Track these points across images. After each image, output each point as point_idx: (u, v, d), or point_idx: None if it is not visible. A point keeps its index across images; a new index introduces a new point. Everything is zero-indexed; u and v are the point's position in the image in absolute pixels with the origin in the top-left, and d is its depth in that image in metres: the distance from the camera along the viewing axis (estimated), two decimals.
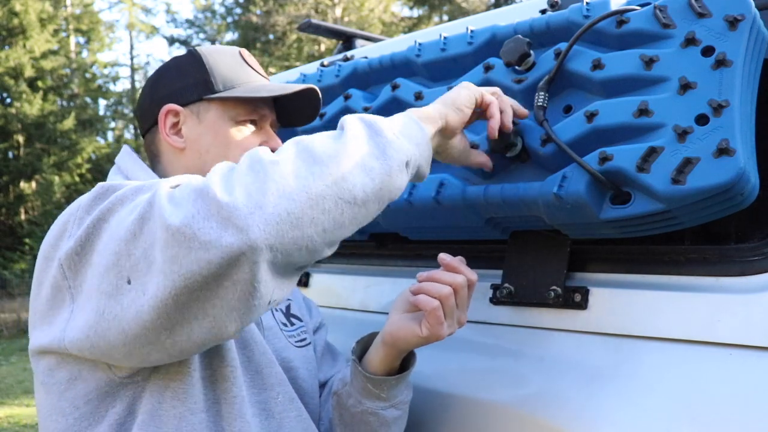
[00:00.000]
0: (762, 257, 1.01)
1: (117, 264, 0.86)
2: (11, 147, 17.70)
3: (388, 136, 0.92)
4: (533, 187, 1.10)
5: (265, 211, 0.79)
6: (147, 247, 0.83)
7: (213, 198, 0.79)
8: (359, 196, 0.87)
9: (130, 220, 0.86)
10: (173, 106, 1.17)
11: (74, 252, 0.92)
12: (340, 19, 18.65)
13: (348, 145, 0.88)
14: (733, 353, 0.97)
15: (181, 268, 0.79)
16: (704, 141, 0.95)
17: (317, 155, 0.86)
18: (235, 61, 1.21)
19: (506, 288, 1.23)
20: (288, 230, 0.81)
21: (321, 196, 0.83)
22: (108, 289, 0.87)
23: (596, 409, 1.04)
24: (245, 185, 0.80)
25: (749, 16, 1.00)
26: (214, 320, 0.84)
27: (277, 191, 0.81)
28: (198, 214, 0.79)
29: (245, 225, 0.78)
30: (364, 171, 0.88)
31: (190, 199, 0.81)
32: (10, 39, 17.22)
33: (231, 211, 0.78)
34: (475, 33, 1.32)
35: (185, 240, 0.78)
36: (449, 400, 1.25)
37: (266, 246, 0.79)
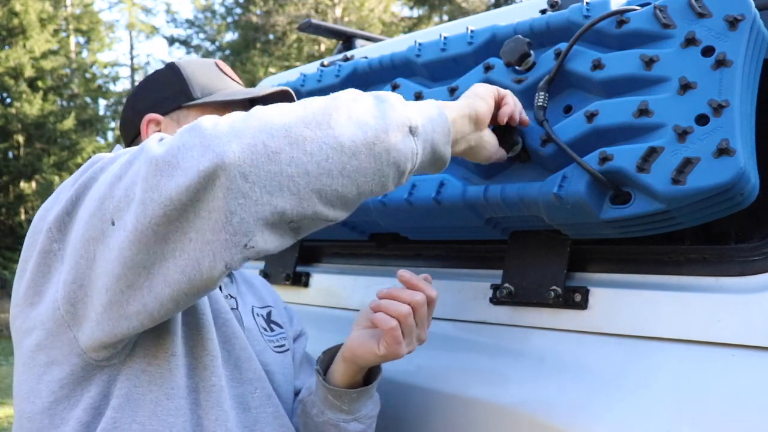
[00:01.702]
0: (762, 257, 1.02)
1: (100, 208, 0.87)
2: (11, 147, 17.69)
3: (393, 103, 0.91)
4: (533, 187, 1.10)
5: (242, 140, 0.80)
6: (129, 185, 0.84)
7: (199, 130, 0.81)
8: (346, 144, 0.84)
9: (116, 168, 0.88)
10: (154, 116, 1.23)
11: (64, 212, 0.93)
12: (340, 19, 18.65)
13: (343, 101, 0.87)
14: (734, 353, 0.97)
15: (160, 195, 0.80)
16: (704, 141, 0.95)
17: (307, 104, 0.87)
18: (211, 70, 1.28)
19: (506, 288, 1.23)
20: (264, 162, 0.80)
21: (302, 137, 0.82)
22: (94, 234, 0.88)
23: (596, 409, 1.04)
24: (232, 120, 0.83)
25: (749, 16, 1.00)
26: (189, 257, 0.83)
27: (258, 125, 0.82)
28: (183, 145, 0.81)
29: (221, 150, 0.79)
30: (355, 123, 0.86)
31: (179, 134, 0.83)
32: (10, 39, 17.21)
33: (212, 139, 0.80)
34: (475, 33, 1.32)
35: (168, 167, 0.80)
36: (449, 400, 1.25)
37: (239, 172, 0.79)
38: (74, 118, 17.62)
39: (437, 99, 1.31)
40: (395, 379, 1.36)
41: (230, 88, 1.26)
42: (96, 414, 0.97)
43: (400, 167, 0.90)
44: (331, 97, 0.89)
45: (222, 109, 1.21)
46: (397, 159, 0.89)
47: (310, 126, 0.83)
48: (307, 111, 0.85)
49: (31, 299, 0.98)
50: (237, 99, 1.22)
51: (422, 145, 0.92)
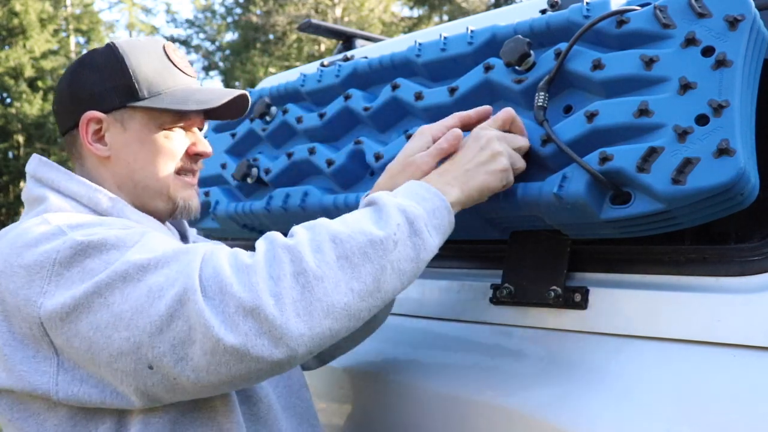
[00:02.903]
0: (762, 257, 1.01)
1: (137, 351, 0.89)
2: (11, 147, 17.71)
3: (424, 236, 0.96)
4: (533, 187, 1.10)
5: (312, 332, 0.87)
6: (176, 344, 0.87)
7: (266, 318, 0.85)
8: (387, 299, 0.94)
9: (152, 312, 0.88)
10: (95, 114, 1.13)
11: (57, 317, 0.92)
12: (340, 19, 18.65)
13: (386, 253, 0.92)
14: (734, 353, 0.97)
15: (229, 372, 0.87)
16: (704, 141, 0.95)
17: (356, 265, 0.91)
18: (159, 60, 1.16)
19: (506, 288, 1.23)
20: (328, 341, 0.90)
21: (359, 310, 0.91)
22: (126, 369, 0.91)
23: (596, 409, 1.04)
24: (294, 302, 0.87)
25: (749, 16, 1.00)
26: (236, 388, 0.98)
27: (323, 312, 0.88)
28: (250, 332, 0.85)
29: (295, 345, 0.87)
30: (397, 276, 0.94)
31: (240, 315, 0.86)
32: (10, 39, 17.22)
33: (283, 332, 0.86)
34: (475, 33, 1.32)
35: (238, 354, 0.85)
36: (449, 401, 1.25)
37: (308, 354, 0.90)
38: None
39: (437, 99, 1.32)
40: (395, 379, 1.36)
41: (180, 85, 1.16)
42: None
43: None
44: (377, 247, 0.92)
45: (172, 116, 1.15)
46: None
47: (365, 299, 0.91)
48: (360, 282, 0.91)
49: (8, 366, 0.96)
50: (189, 110, 1.14)
51: None
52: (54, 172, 1.13)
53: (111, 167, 1.15)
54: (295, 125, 1.61)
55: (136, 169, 1.15)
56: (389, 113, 1.43)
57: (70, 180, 1.12)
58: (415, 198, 0.98)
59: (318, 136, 1.57)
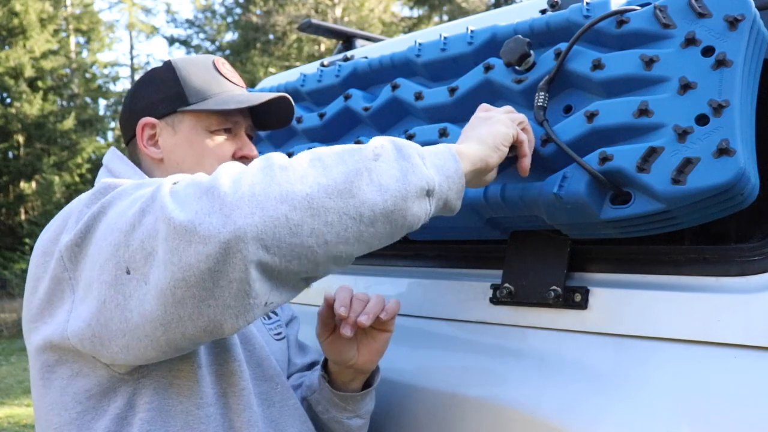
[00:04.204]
0: (762, 257, 1.01)
1: (115, 254, 0.88)
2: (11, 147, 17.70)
3: (414, 160, 0.91)
4: (533, 187, 1.10)
5: (264, 213, 0.81)
6: (144, 238, 0.85)
7: (218, 195, 0.81)
8: (366, 214, 0.86)
9: (130, 213, 0.89)
10: (149, 119, 1.22)
11: (74, 244, 0.95)
12: (340, 19, 18.65)
13: (363, 159, 0.88)
14: (734, 353, 0.97)
15: (180, 260, 0.81)
16: (704, 141, 0.95)
17: (328, 165, 0.86)
18: (207, 71, 1.25)
19: (506, 288, 1.23)
20: (285, 235, 0.82)
21: (323, 208, 0.83)
22: (108, 279, 0.89)
23: (596, 409, 1.04)
24: (251, 184, 0.82)
25: (749, 16, 1.00)
26: (209, 320, 0.85)
27: (280, 195, 0.82)
28: (201, 210, 0.81)
29: (244, 223, 0.80)
30: (376, 189, 0.87)
31: (196, 196, 0.83)
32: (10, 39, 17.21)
33: (232, 208, 0.80)
34: (475, 33, 1.32)
35: (186, 233, 0.80)
36: (449, 400, 1.25)
37: (262, 245, 0.81)
38: (74, 118, 17.64)
39: (437, 99, 1.32)
40: (395, 379, 1.36)
41: (226, 92, 1.24)
42: (123, 423, 1.00)
43: (411, 228, 0.93)
44: (355, 153, 0.88)
45: (216, 115, 1.22)
46: (411, 222, 0.91)
47: (332, 196, 0.84)
48: (329, 178, 0.85)
49: (45, 319, 1.01)
50: (231, 108, 1.21)
51: (435, 204, 0.94)
52: (125, 166, 1.21)
53: (164, 169, 1.22)
54: (295, 125, 1.61)
55: (184, 169, 1.19)
56: (389, 113, 1.43)
57: (134, 174, 1.19)
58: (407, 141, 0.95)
59: (318, 136, 1.58)
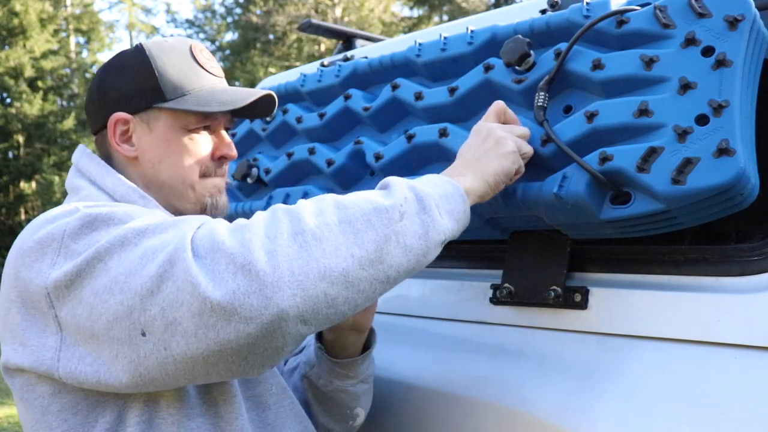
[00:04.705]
0: (762, 257, 1.01)
1: (129, 316, 0.87)
2: (11, 147, 17.70)
3: (434, 215, 0.93)
4: (533, 187, 1.10)
5: (305, 293, 0.83)
6: (166, 307, 0.84)
7: (256, 274, 0.81)
8: (392, 276, 0.90)
9: (144, 274, 0.86)
10: (122, 115, 1.14)
11: (63, 285, 0.92)
12: (340, 19, 18.65)
13: (391, 222, 0.89)
14: (734, 353, 0.97)
15: (217, 336, 0.82)
16: (704, 141, 0.95)
17: (359, 231, 0.88)
18: (185, 61, 1.16)
19: (506, 288, 1.23)
20: (323, 309, 0.85)
21: (358, 279, 0.87)
22: (121, 337, 0.88)
23: (596, 409, 1.04)
24: (289, 260, 0.83)
25: (749, 16, 1.00)
26: (238, 372, 0.88)
27: (319, 272, 0.84)
28: (239, 290, 0.81)
29: (286, 305, 0.82)
30: (402, 251, 0.90)
31: (230, 271, 0.82)
32: (10, 39, 17.21)
33: (274, 290, 0.81)
34: (475, 33, 1.32)
35: (224, 313, 0.81)
36: (449, 400, 1.25)
37: (301, 321, 0.84)
38: (74, 118, 17.63)
39: (437, 99, 1.32)
40: (395, 379, 1.36)
41: (206, 86, 1.16)
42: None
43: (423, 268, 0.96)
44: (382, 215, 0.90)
45: (196, 117, 1.14)
46: (422, 269, 0.95)
47: (365, 267, 0.87)
48: (362, 248, 0.87)
49: (15, 345, 0.98)
50: (212, 111, 1.13)
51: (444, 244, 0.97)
52: (95, 165, 1.14)
53: (138, 167, 1.16)
54: (295, 125, 1.61)
55: (161, 169, 1.15)
56: (389, 113, 1.43)
57: (107, 174, 1.13)
58: (426, 183, 0.97)
59: (318, 136, 1.58)
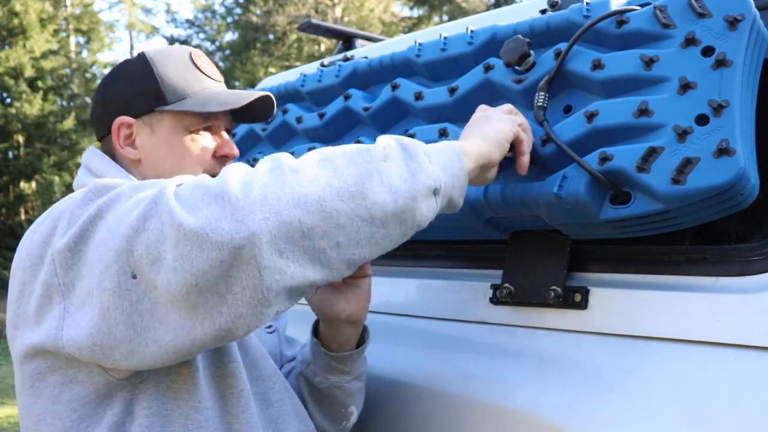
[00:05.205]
0: (762, 257, 1.01)
1: (118, 260, 0.86)
2: (11, 147, 17.69)
3: (421, 161, 0.91)
4: (533, 187, 1.10)
5: (278, 217, 0.80)
6: (150, 243, 0.84)
7: (228, 199, 0.80)
8: (377, 215, 0.86)
9: (132, 216, 0.86)
10: (126, 119, 1.17)
11: (67, 248, 0.92)
12: (340, 19, 18.65)
13: (373, 160, 0.88)
14: (734, 353, 0.97)
15: (192, 267, 0.80)
16: (704, 141, 0.96)
17: (339, 166, 0.86)
18: (184, 66, 1.20)
19: (506, 288, 1.23)
20: (299, 239, 0.81)
21: (336, 210, 0.83)
22: (111, 286, 0.87)
23: (596, 409, 1.04)
24: (263, 186, 0.82)
25: (749, 16, 1.00)
26: (220, 327, 0.84)
27: (293, 198, 0.81)
28: (212, 215, 0.80)
29: (257, 228, 0.79)
30: (387, 190, 0.87)
31: (205, 201, 0.82)
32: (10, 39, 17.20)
33: (245, 213, 0.79)
34: (475, 33, 1.32)
35: (197, 240, 0.79)
36: (449, 400, 1.25)
37: (275, 250, 0.80)
38: (74, 118, 17.62)
39: (437, 99, 1.32)
40: (395, 379, 1.36)
41: (206, 89, 1.19)
42: (121, 430, 0.97)
43: (420, 227, 0.93)
44: (364, 154, 0.89)
45: (196, 114, 1.17)
46: (420, 222, 0.92)
47: (344, 198, 0.84)
48: (341, 180, 0.85)
49: (31, 326, 0.98)
50: (211, 111, 1.16)
51: (441, 202, 0.95)
52: (105, 164, 1.17)
53: (142, 170, 1.18)
54: (295, 125, 1.61)
55: (165, 171, 1.16)
56: (389, 113, 1.43)
57: (118, 174, 1.15)
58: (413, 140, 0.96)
59: (318, 136, 1.58)
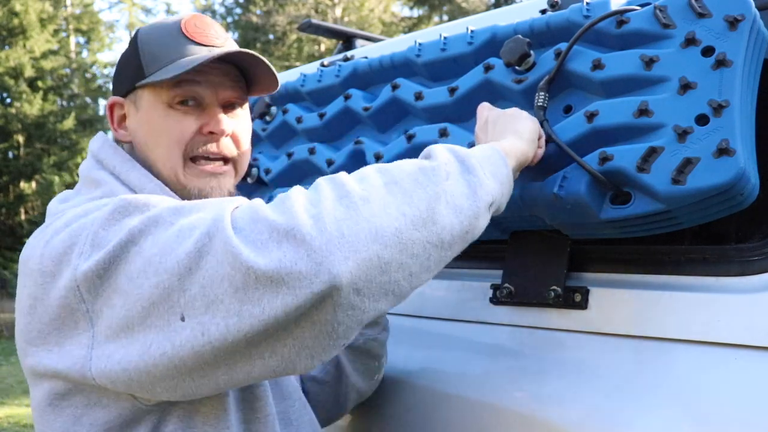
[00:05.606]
0: (762, 257, 1.01)
1: (168, 299, 0.80)
2: (11, 147, 17.70)
3: (479, 174, 0.89)
4: (533, 187, 1.10)
5: (358, 257, 0.75)
6: (207, 284, 0.77)
7: (303, 239, 0.74)
8: (446, 239, 0.83)
9: (181, 251, 0.80)
10: (116, 99, 1.11)
11: (95, 275, 0.85)
12: (340, 19, 18.65)
13: (439, 180, 0.84)
14: (734, 353, 0.97)
15: (263, 312, 0.75)
16: (704, 141, 0.96)
17: (407, 190, 0.82)
18: (171, 36, 1.06)
19: (506, 288, 1.23)
20: (377, 275, 0.77)
21: (411, 241, 0.79)
22: (158, 324, 0.81)
23: (596, 409, 1.04)
24: (337, 221, 0.76)
25: (749, 16, 1.00)
26: (282, 359, 0.80)
27: (370, 233, 0.76)
28: (285, 257, 0.74)
29: (338, 271, 0.74)
30: (453, 212, 0.84)
31: (274, 239, 0.75)
32: (10, 39, 17.21)
33: (323, 255, 0.73)
34: (475, 33, 1.32)
35: (271, 284, 0.74)
36: (449, 401, 1.25)
37: (354, 290, 0.76)
38: (74, 118, 17.63)
39: (437, 99, 1.32)
40: (395, 378, 1.36)
41: (187, 55, 1.04)
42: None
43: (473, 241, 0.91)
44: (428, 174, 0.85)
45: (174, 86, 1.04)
46: (474, 238, 0.90)
47: (418, 227, 0.80)
48: (413, 206, 0.80)
49: (49, 347, 0.92)
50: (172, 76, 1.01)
51: (492, 212, 0.93)
52: (118, 158, 1.07)
53: (135, 153, 1.09)
54: (295, 125, 1.61)
55: (147, 152, 1.07)
56: (389, 113, 1.43)
57: (132, 169, 1.05)
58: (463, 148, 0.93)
59: (318, 136, 1.57)
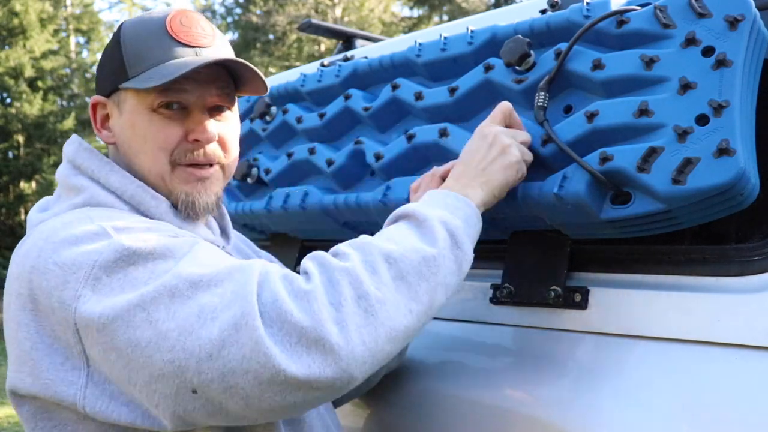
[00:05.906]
0: (762, 257, 1.01)
1: (180, 376, 0.82)
2: (11, 147, 17.69)
3: (465, 248, 0.97)
4: (533, 187, 1.10)
5: (374, 358, 0.85)
6: (227, 373, 0.81)
7: (331, 349, 0.82)
8: (434, 312, 0.94)
9: (204, 336, 0.81)
10: (98, 98, 1.07)
11: (95, 326, 0.85)
12: (340, 19, 18.65)
13: (438, 270, 0.92)
14: (734, 353, 0.97)
15: (284, 401, 0.82)
16: (704, 141, 0.96)
17: (412, 285, 0.90)
18: (156, 34, 1.02)
19: (506, 288, 1.23)
20: (382, 361, 0.88)
21: (415, 330, 0.91)
22: (166, 392, 0.83)
23: (596, 409, 1.04)
24: (359, 329, 0.84)
25: (749, 16, 1.00)
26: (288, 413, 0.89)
27: (387, 336, 0.86)
28: (315, 365, 0.81)
29: (358, 372, 0.84)
30: (445, 293, 0.94)
31: (303, 345, 0.82)
32: (10, 39, 17.20)
33: (348, 362, 0.83)
34: (475, 33, 1.32)
35: (298, 385, 0.81)
36: (449, 401, 1.25)
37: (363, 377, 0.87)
38: (74, 118, 17.62)
39: (437, 99, 1.32)
40: (395, 379, 1.36)
41: (172, 58, 1.01)
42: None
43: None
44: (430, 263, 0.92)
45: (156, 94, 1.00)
46: None
47: (421, 319, 0.91)
48: (418, 302, 0.90)
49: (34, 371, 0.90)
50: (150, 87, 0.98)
51: None
52: (96, 162, 1.04)
53: (118, 155, 1.07)
54: (295, 125, 1.61)
55: (131, 156, 1.04)
56: (389, 113, 1.43)
57: (112, 172, 1.03)
58: (448, 208, 0.98)
59: (318, 136, 1.57)
